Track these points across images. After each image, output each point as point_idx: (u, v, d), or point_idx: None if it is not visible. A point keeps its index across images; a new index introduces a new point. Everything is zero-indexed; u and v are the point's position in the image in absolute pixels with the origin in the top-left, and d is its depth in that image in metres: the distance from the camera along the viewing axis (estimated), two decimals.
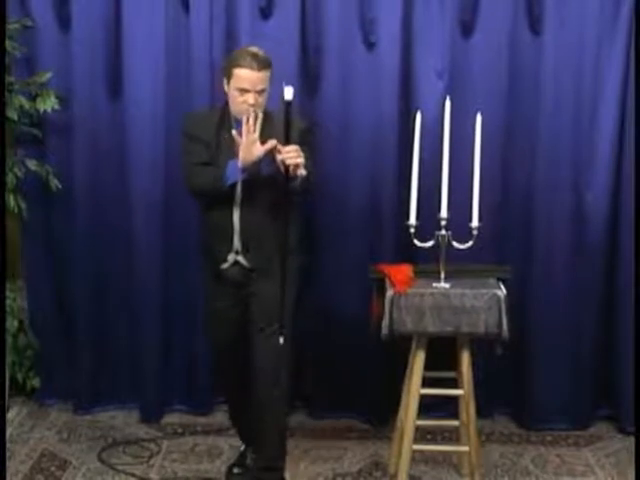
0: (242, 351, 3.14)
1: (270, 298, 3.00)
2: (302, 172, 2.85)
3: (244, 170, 2.91)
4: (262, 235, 3.00)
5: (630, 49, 3.52)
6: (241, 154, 2.89)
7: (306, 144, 2.95)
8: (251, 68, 2.89)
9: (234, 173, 2.93)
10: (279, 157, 2.84)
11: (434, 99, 3.52)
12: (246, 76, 2.89)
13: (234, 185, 2.96)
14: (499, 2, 3.55)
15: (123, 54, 3.63)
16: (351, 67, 3.63)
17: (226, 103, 3.03)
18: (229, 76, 2.95)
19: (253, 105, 2.89)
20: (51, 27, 3.66)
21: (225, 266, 3.06)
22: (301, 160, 2.84)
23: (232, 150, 2.92)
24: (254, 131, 2.87)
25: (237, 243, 3.03)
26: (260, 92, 2.92)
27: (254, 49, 2.96)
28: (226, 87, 2.99)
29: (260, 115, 2.88)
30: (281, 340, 2.95)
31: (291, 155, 2.83)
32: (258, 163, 2.90)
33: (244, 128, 2.87)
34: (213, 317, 3.22)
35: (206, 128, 3.03)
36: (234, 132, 2.90)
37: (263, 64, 2.91)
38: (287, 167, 2.84)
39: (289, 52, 3.55)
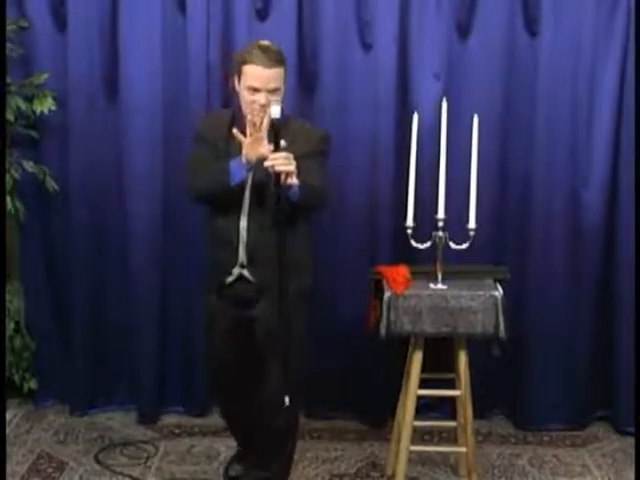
0: (243, 373, 3.03)
1: (275, 325, 2.74)
2: (294, 181, 2.61)
3: (249, 169, 2.71)
4: (270, 248, 2.70)
5: (627, 49, 3.53)
6: (244, 151, 2.67)
7: (322, 153, 2.83)
8: (262, 65, 2.69)
9: (238, 171, 2.71)
10: (266, 163, 2.61)
11: (431, 100, 3.53)
12: (256, 74, 2.70)
13: (242, 191, 2.77)
14: (496, 3, 3.56)
15: (120, 55, 3.62)
16: (348, 68, 3.63)
17: (239, 104, 2.86)
18: (239, 74, 2.75)
19: (264, 105, 2.69)
20: (47, 28, 3.66)
21: (229, 280, 2.86)
22: (292, 168, 2.60)
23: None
24: (260, 130, 2.66)
25: (242, 255, 2.83)
26: (272, 91, 2.72)
27: (266, 43, 2.77)
28: (237, 85, 2.81)
29: (267, 119, 2.66)
30: (286, 401, 2.71)
31: (280, 162, 2.59)
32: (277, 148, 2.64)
33: (248, 128, 2.69)
34: (214, 337, 3.03)
35: (216, 129, 2.86)
36: (235, 130, 2.68)
37: (275, 60, 2.72)
38: (277, 175, 2.61)
39: (285, 53, 3.53)
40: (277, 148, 2.64)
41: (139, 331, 3.80)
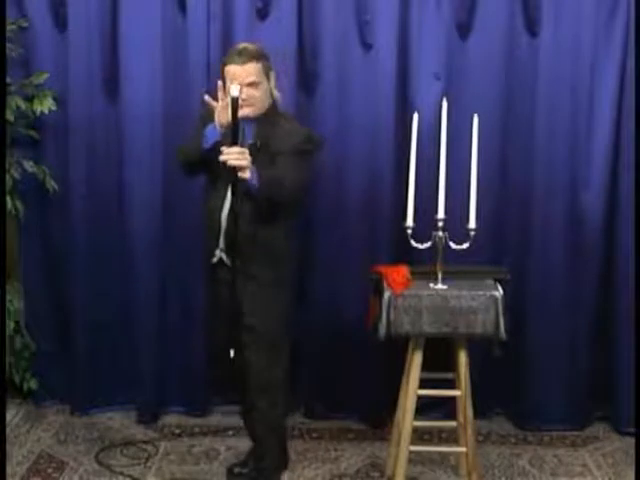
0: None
1: (254, 310, 2.96)
2: (246, 175, 2.74)
3: (221, 130, 2.85)
4: (247, 238, 2.91)
5: (627, 49, 3.53)
6: (216, 116, 2.85)
7: (302, 152, 2.92)
8: (235, 62, 2.87)
9: (211, 135, 2.87)
10: (221, 158, 2.75)
11: (431, 100, 3.53)
12: (232, 71, 2.88)
13: (218, 163, 2.79)
14: (496, 4, 3.56)
15: (120, 55, 3.63)
16: (348, 68, 3.63)
17: None
18: (224, 77, 2.92)
19: (245, 100, 2.84)
20: (47, 28, 3.66)
21: (214, 260, 3.02)
22: (244, 163, 2.73)
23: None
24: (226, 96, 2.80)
25: (222, 241, 2.98)
26: (251, 85, 2.88)
27: (242, 44, 2.95)
28: None
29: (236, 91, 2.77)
30: (231, 353, 2.93)
31: (233, 157, 2.74)
32: (237, 127, 2.78)
33: (219, 93, 2.83)
34: (211, 315, 3.21)
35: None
36: (206, 97, 2.86)
37: (249, 57, 2.88)
38: (234, 168, 2.76)
39: (285, 53, 3.55)
40: (236, 124, 2.77)
41: (139, 331, 3.80)
